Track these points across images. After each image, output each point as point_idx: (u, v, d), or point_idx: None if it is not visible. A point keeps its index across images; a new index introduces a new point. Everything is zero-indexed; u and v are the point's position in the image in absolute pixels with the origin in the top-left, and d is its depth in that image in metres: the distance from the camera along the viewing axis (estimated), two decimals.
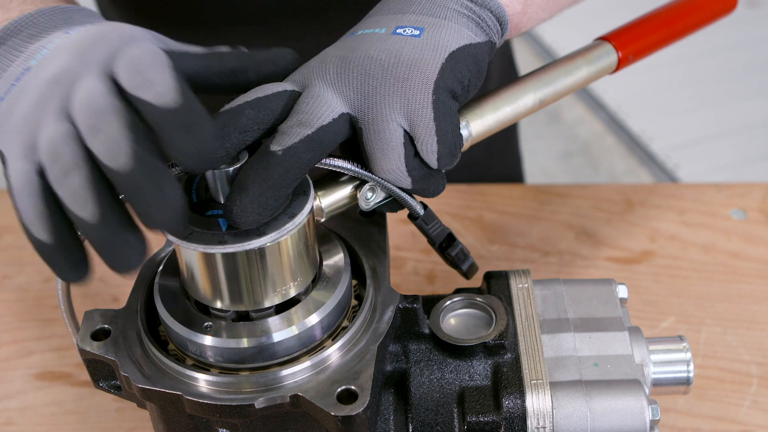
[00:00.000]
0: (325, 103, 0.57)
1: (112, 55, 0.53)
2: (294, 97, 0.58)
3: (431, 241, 0.65)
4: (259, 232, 0.53)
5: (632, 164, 2.63)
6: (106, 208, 0.50)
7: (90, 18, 0.61)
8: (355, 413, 0.53)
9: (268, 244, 0.54)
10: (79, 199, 0.50)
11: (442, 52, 0.59)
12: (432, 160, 0.59)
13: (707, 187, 0.98)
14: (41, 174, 0.51)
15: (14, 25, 0.59)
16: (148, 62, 0.51)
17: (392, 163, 0.58)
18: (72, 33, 0.57)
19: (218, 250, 0.53)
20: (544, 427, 0.59)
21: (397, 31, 0.60)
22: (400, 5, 0.62)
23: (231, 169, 0.53)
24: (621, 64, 0.72)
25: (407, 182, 0.59)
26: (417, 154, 0.59)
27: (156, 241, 0.95)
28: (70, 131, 0.51)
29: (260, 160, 0.54)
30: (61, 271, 0.53)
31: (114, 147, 0.49)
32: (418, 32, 0.60)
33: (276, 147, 0.54)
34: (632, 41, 0.72)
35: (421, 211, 0.63)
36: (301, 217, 0.55)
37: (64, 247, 0.52)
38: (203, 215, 0.54)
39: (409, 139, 0.58)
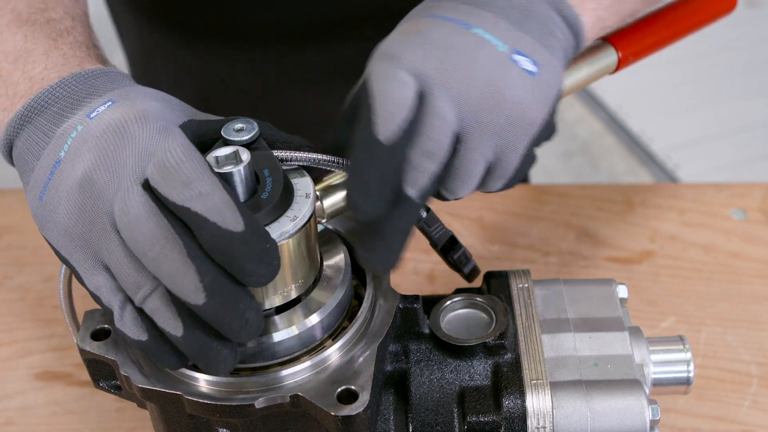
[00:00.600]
0: (449, 129, 0.54)
1: (141, 159, 0.52)
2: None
3: (433, 244, 0.65)
4: None
5: (632, 164, 2.63)
6: (189, 325, 0.50)
7: (112, 84, 0.59)
8: (355, 413, 0.53)
9: None
10: (161, 317, 0.50)
11: (548, 105, 0.57)
12: (493, 187, 0.58)
13: (707, 187, 0.98)
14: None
15: (38, 102, 0.58)
16: (190, 171, 0.49)
17: (463, 192, 0.57)
18: (93, 119, 0.55)
19: None
20: (544, 427, 0.59)
21: (516, 57, 0.56)
22: (515, 15, 0.58)
23: (236, 170, 0.53)
24: (621, 64, 0.72)
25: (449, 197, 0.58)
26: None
27: None
28: (131, 257, 0.50)
29: (398, 206, 0.53)
30: (163, 362, 0.53)
31: (181, 283, 0.48)
32: (534, 69, 0.56)
33: (412, 191, 0.53)
34: (632, 42, 0.72)
35: (424, 214, 0.63)
36: (304, 219, 0.55)
37: (163, 342, 0.52)
38: None
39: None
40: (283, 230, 0.54)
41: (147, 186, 0.50)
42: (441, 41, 0.55)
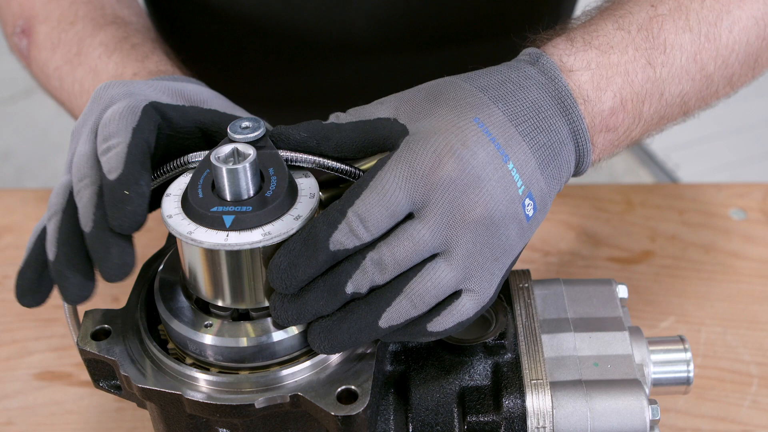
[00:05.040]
0: (418, 256, 0.54)
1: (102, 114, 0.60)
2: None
3: None
4: (265, 231, 0.53)
5: (632, 164, 2.63)
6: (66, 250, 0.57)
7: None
8: (355, 413, 0.53)
9: (274, 244, 0.54)
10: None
11: (528, 240, 0.58)
12: (467, 313, 0.56)
13: (707, 187, 0.98)
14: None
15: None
16: (114, 124, 0.57)
17: (447, 330, 0.56)
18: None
19: (223, 247, 0.53)
20: (544, 427, 0.59)
21: (526, 202, 0.56)
22: (544, 155, 0.57)
23: (238, 167, 0.53)
24: None
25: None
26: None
27: (156, 241, 0.95)
28: (68, 183, 0.59)
29: (361, 321, 0.54)
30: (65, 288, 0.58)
31: (84, 212, 0.56)
32: (532, 214, 0.57)
33: (384, 323, 0.54)
34: None
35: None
36: (307, 218, 0.55)
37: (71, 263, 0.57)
38: (208, 211, 0.54)
39: None
40: (287, 228, 0.54)
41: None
42: (475, 172, 0.54)
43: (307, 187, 0.57)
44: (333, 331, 0.54)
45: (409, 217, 0.54)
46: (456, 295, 0.55)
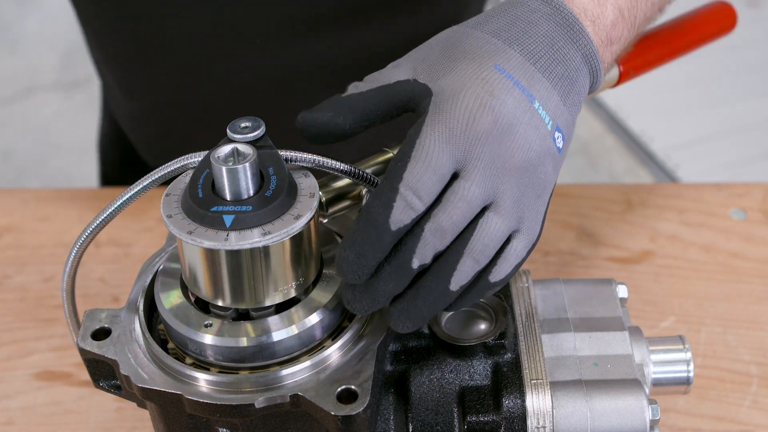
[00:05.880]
0: (472, 212, 0.55)
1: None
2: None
3: None
4: (265, 231, 0.53)
5: (632, 164, 2.63)
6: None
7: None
8: (355, 413, 0.53)
9: (273, 243, 0.54)
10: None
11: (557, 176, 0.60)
12: (519, 254, 0.58)
13: (707, 187, 0.98)
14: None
15: None
16: None
17: (507, 276, 0.57)
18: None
19: (223, 246, 0.53)
20: (544, 427, 0.59)
21: (555, 136, 0.58)
22: (564, 86, 0.59)
23: (241, 167, 0.53)
24: (622, 78, 0.73)
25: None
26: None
27: (156, 241, 0.95)
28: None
29: (434, 292, 0.55)
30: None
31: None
32: (562, 146, 0.59)
33: (454, 286, 0.55)
34: (633, 57, 0.73)
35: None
36: (307, 218, 0.55)
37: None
38: (208, 211, 0.54)
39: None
40: (286, 228, 0.54)
41: None
42: (507, 120, 0.56)
43: (307, 186, 0.57)
44: (410, 309, 0.55)
45: (453, 177, 0.55)
46: (507, 240, 0.57)
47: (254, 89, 0.94)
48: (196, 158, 0.57)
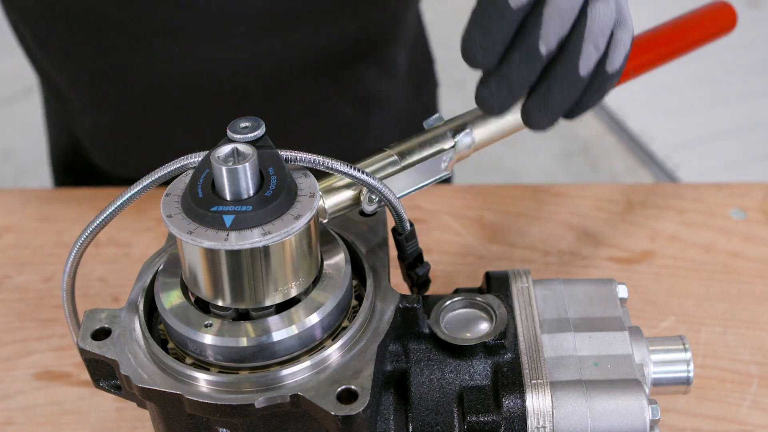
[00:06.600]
0: (607, 20, 0.59)
1: None
2: None
3: (403, 257, 0.65)
4: (265, 231, 0.53)
5: (632, 164, 2.63)
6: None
7: None
8: (355, 413, 0.53)
9: (273, 243, 0.54)
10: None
11: None
12: (618, 58, 0.61)
13: (707, 187, 0.98)
14: None
15: None
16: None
17: (621, 66, 0.60)
18: None
19: (223, 246, 0.53)
20: (544, 427, 0.59)
21: None
22: None
23: (242, 167, 0.54)
24: (622, 78, 0.73)
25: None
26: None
27: (156, 241, 0.95)
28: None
29: (566, 78, 0.58)
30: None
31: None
32: None
33: (583, 70, 0.58)
34: (633, 57, 0.73)
35: (408, 228, 0.63)
36: (307, 218, 0.55)
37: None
38: (208, 211, 0.54)
39: None
40: (286, 228, 0.54)
41: None
42: None
43: (307, 186, 0.57)
44: (547, 98, 0.59)
45: None
46: (611, 34, 0.60)
47: (225, 87, 0.93)
48: (196, 158, 0.57)
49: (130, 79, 0.93)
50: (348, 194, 0.62)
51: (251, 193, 0.55)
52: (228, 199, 0.54)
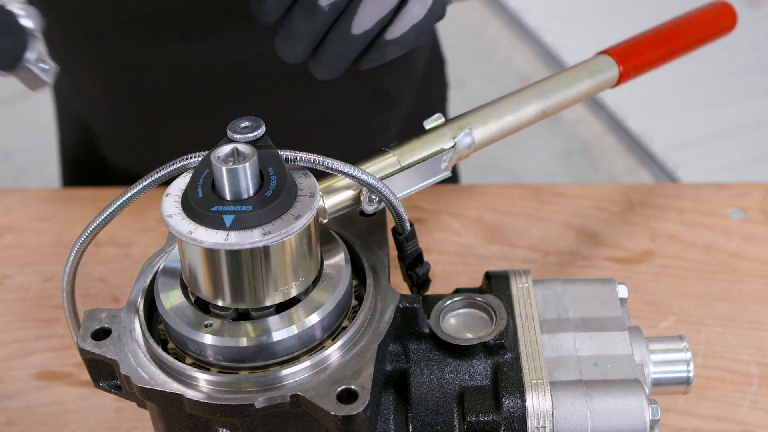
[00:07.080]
0: None
1: None
2: None
3: (403, 257, 0.65)
4: (265, 231, 0.53)
5: (632, 164, 2.63)
6: None
7: None
8: (355, 413, 0.53)
9: (273, 243, 0.54)
10: None
11: None
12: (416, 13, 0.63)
13: (707, 187, 0.98)
14: None
15: None
16: None
17: (404, 36, 0.63)
18: None
19: (223, 246, 0.53)
20: (544, 427, 0.59)
21: None
22: None
23: (242, 167, 0.54)
24: (622, 78, 0.73)
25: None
26: None
27: (156, 241, 0.95)
28: None
29: (337, 33, 0.61)
30: None
31: None
32: None
33: (356, 29, 0.62)
34: (634, 57, 0.73)
35: (408, 228, 0.63)
36: (307, 218, 0.55)
37: None
38: (208, 211, 0.54)
39: None
40: (286, 228, 0.54)
41: None
42: None
43: (307, 186, 0.57)
44: (324, 52, 0.62)
45: None
46: (405, 2, 0.62)
47: (251, 82, 0.94)
48: (196, 158, 0.57)
49: (154, 69, 0.94)
50: (348, 194, 0.62)
51: (251, 193, 0.55)
52: (228, 199, 0.55)
